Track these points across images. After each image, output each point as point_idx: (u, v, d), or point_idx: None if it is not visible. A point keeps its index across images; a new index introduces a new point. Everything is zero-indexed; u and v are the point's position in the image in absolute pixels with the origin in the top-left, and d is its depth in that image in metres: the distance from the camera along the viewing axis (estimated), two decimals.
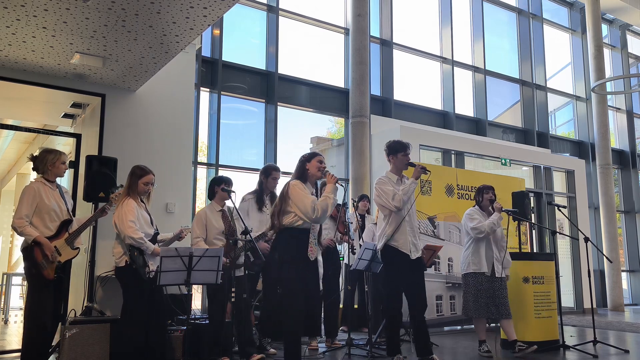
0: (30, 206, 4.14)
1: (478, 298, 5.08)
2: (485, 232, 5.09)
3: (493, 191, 5.35)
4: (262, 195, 5.19)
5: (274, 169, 5.27)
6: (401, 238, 4.40)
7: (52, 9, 4.15)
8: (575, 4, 13.12)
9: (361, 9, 8.69)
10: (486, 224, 5.10)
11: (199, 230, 4.58)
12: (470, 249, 5.21)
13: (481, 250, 5.15)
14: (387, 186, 4.45)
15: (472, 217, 5.22)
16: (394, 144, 4.60)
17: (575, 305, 10.17)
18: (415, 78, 10.44)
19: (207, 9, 4.28)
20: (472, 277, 5.16)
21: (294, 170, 3.94)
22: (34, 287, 4.20)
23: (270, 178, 5.19)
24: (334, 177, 3.77)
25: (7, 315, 8.06)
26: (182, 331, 4.61)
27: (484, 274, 5.11)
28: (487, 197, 5.29)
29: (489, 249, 5.15)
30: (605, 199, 11.65)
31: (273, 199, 5.22)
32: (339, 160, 9.09)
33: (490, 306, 5.05)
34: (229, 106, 8.12)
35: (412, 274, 4.42)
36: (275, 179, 5.22)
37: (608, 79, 12.65)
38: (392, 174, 4.61)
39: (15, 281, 8.88)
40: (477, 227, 5.12)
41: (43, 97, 5.98)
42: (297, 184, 3.74)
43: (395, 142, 4.62)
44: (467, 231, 5.25)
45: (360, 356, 4.94)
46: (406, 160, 4.56)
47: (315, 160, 3.85)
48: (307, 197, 3.62)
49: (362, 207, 6.44)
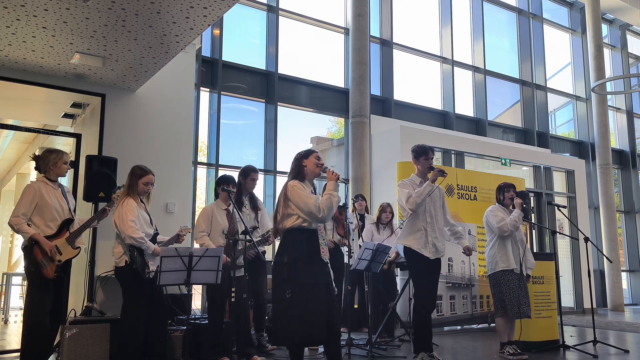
0: (29, 205, 4.15)
1: (514, 297, 4.96)
2: (509, 230, 5.07)
3: (514, 189, 5.32)
4: (241, 196, 5.17)
5: (253, 170, 5.24)
6: (416, 239, 4.50)
7: (52, 9, 4.15)
8: (575, 4, 13.12)
9: (361, 9, 8.70)
10: (508, 222, 5.07)
11: (204, 224, 4.59)
12: (497, 247, 5.13)
13: (508, 247, 5.09)
14: (405, 188, 4.58)
15: (496, 215, 5.17)
16: (417, 149, 4.71)
17: (575, 305, 10.17)
18: (415, 78, 10.44)
19: (207, 9, 4.28)
20: (503, 275, 5.04)
21: (290, 169, 3.71)
22: (33, 286, 4.20)
23: (248, 179, 5.16)
24: (334, 174, 3.57)
25: (7, 315, 8.06)
26: (182, 331, 4.61)
27: (513, 271, 5.04)
28: (509, 195, 5.27)
29: (514, 246, 5.13)
30: (605, 199, 11.65)
31: (252, 200, 5.21)
32: (339, 160, 9.09)
33: (523, 305, 4.97)
34: (229, 106, 8.12)
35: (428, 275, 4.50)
36: (253, 180, 5.18)
37: (608, 79, 12.65)
38: (416, 177, 4.72)
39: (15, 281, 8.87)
40: (501, 226, 5.08)
41: (43, 97, 5.98)
42: (295, 184, 3.51)
43: (419, 146, 4.72)
44: (491, 228, 5.19)
45: (360, 356, 4.94)
46: (429, 164, 4.66)
47: (313, 156, 3.63)
48: (309, 197, 3.41)
49: (358, 207, 6.43)
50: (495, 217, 5.14)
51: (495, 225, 5.10)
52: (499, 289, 5.06)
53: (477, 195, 7.71)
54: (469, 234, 7.49)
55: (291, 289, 3.25)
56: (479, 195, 7.68)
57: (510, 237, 5.12)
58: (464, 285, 7.31)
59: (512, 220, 5.07)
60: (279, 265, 3.38)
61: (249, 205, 5.14)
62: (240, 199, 5.12)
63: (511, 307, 4.94)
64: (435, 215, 4.59)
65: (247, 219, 5.06)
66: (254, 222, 5.03)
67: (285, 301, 3.26)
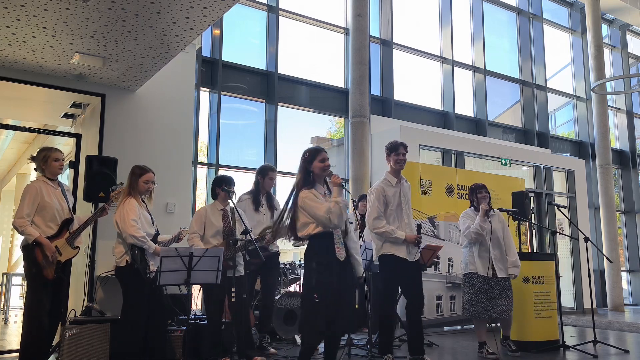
0: (32, 205, 4.15)
1: (477, 299, 5.07)
2: (473, 238, 5.10)
3: (486, 189, 5.28)
4: (259, 195, 5.18)
5: (271, 169, 5.26)
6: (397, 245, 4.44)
7: (52, 9, 4.15)
8: (575, 4, 13.11)
9: (361, 9, 8.69)
10: (471, 230, 5.08)
11: (196, 226, 4.60)
12: (467, 250, 5.24)
13: (474, 251, 5.15)
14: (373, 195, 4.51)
15: (464, 221, 5.23)
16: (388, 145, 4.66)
17: (575, 305, 10.16)
18: (415, 78, 10.43)
19: (207, 9, 4.28)
20: (469, 278, 5.18)
21: (297, 172, 3.66)
22: (32, 287, 4.21)
23: (267, 178, 5.18)
24: (338, 179, 3.53)
25: (7, 315, 8.06)
26: (182, 331, 4.61)
27: (477, 273, 5.11)
28: (481, 196, 5.23)
29: (483, 250, 5.11)
30: (605, 199, 11.65)
31: (269, 199, 5.21)
32: (339, 160, 9.09)
33: (489, 307, 5.03)
34: (229, 106, 8.11)
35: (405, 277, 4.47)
36: (272, 179, 5.21)
37: (608, 79, 12.65)
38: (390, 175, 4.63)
39: (15, 281, 8.87)
40: (465, 234, 5.15)
41: (43, 97, 5.98)
42: (306, 195, 3.48)
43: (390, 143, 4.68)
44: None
45: (360, 356, 4.94)
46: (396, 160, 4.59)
47: (318, 160, 3.58)
48: (320, 208, 3.42)
49: (362, 207, 6.44)
50: (463, 224, 5.21)
51: (462, 232, 5.21)
52: (465, 290, 5.24)
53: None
54: None
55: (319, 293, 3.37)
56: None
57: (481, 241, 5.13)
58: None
59: (474, 229, 5.06)
60: (309, 272, 3.48)
61: (266, 204, 5.14)
62: (258, 197, 5.13)
63: (473, 308, 5.08)
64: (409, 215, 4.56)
65: (264, 218, 5.07)
66: (270, 221, 5.02)
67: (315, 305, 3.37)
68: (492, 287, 5.06)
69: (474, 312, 5.10)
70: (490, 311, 5.04)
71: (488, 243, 5.10)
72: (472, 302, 5.10)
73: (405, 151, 4.61)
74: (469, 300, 5.14)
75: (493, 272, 5.08)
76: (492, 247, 5.10)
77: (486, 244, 5.10)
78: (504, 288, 5.10)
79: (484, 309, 5.04)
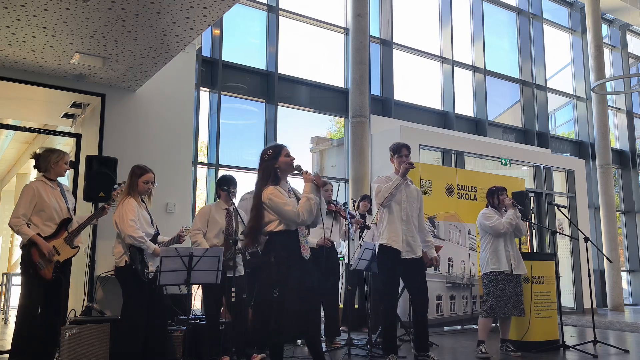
0: (29, 205, 4.16)
1: (499, 298, 5.09)
2: (505, 228, 5.16)
3: (506, 192, 5.45)
4: None
5: None
6: (389, 232, 4.42)
7: (52, 9, 4.15)
8: (575, 4, 13.11)
9: (361, 9, 8.69)
10: (504, 220, 5.18)
11: (200, 223, 4.62)
12: (489, 249, 5.24)
13: (499, 248, 5.18)
14: (377, 183, 4.54)
15: (489, 216, 5.27)
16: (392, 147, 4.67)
17: (575, 305, 10.17)
18: (415, 78, 10.44)
19: (207, 9, 4.28)
20: (491, 277, 5.17)
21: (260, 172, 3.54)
22: (27, 288, 4.21)
23: None
24: (309, 176, 3.45)
25: (7, 315, 8.06)
26: (182, 331, 4.61)
27: (502, 272, 5.13)
28: (503, 198, 5.35)
29: (507, 246, 5.20)
30: (605, 199, 11.65)
31: None
32: (339, 160, 9.09)
33: (510, 304, 5.10)
34: (229, 106, 8.11)
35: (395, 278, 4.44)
36: None
37: (608, 79, 12.65)
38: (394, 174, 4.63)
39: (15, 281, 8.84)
40: (495, 225, 5.17)
41: (43, 97, 5.98)
42: (272, 192, 3.39)
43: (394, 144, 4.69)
44: (485, 230, 5.27)
45: (360, 356, 4.94)
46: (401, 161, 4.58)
47: (284, 155, 3.50)
48: (286, 205, 3.34)
49: (362, 207, 6.45)
50: (489, 219, 5.24)
51: (488, 224, 5.20)
52: (487, 290, 5.22)
53: (477, 196, 7.70)
54: (469, 234, 7.49)
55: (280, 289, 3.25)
56: (479, 196, 7.67)
57: (502, 238, 5.19)
58: (464, 285, 7.31)
59: (508, 218, 5.18)
60: (267, 266, 3.38)
61: None
62: None
63: (497, 308, 5.09)
64: (410, 216, 4.50)
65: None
66: None
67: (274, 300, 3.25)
68: (514, 284, 5.16)
69: (497, 311, 5.09)
70: (512, 309, 5.10)
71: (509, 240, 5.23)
72: (495, 300, 5.10)
73: (408, 152, 4.63)
74: (493, 299, 5.10)
75: (511, 270, 5.16)
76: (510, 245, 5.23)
77: (508, 240, 5.22)
78: (519, 286, 5.23)
79: (505, 307, 5.09)
